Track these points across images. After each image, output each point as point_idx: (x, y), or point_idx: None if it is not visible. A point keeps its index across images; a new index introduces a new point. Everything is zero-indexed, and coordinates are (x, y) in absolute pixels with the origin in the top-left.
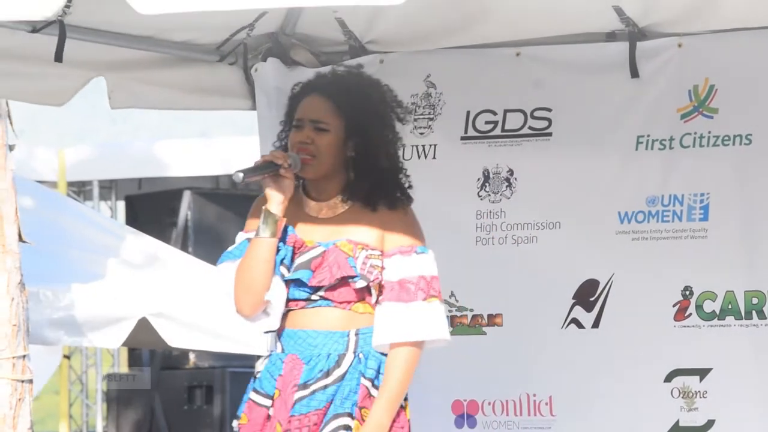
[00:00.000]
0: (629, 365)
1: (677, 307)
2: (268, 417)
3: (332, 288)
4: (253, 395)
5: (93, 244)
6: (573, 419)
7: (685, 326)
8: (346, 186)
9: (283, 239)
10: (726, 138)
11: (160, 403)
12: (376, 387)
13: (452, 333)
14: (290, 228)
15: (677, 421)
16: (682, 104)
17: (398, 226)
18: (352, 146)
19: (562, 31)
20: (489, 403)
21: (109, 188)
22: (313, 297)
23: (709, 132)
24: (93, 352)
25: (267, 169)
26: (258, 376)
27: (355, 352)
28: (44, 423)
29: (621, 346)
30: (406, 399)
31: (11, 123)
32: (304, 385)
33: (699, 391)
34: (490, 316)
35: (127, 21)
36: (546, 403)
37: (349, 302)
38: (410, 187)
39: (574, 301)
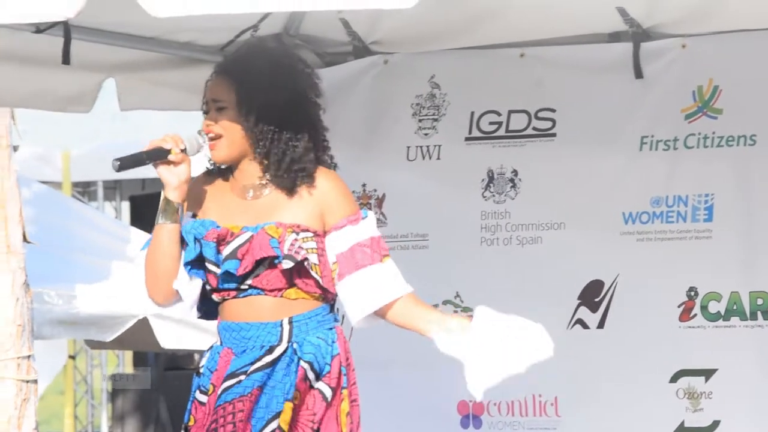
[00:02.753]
0: (634, 366)
1: (682, 307)
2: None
3: (260, 275)
4: (197, 395)
5: (97, 245)
6: (578, 420)
7: (690, 327)
8: (264, 168)
9: (201, 234)
10: (730, 138)
11: (165, 403)
12: (315, 371)
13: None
14: (210, 222)
15: (682, 422)
16: (686, 105)
17: (336, 197)
18: (254, 120)
19: (566, 32)
20: (494, 404)
21: (113, 189)
22: (243, 286)
23: (714, 132)
24: (98, 352)
25: (153, 156)
26: (201, 372)
27: (289, 341)
28: (49, 423)
29: (626, 346)
30: (350, 386)
31: (15, 124)
32: (232, 375)
33: (704, 392)
34: None
35: (132, 22)
36: (551, 404)
37: (279, 289)
38: (328, 151)
39: (579, 301)
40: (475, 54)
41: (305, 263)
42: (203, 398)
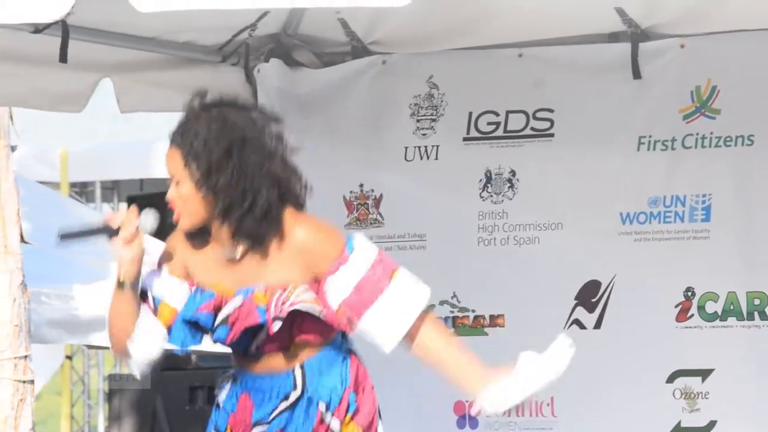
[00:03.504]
0: (631, 366)
1: (679, 308)
2: None
3: (262, 344)
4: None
5: (94, 245)
6: (574, 420)
7: (687, 327)
8: (240, 230)
9: (196, 305)
10: (728, 139)
11: (162, 403)
12: (330, 410)
13: (454, 334)
14: (208, 294)
15: (679, 422)
16: (684, 105)
17: (314, 245)
18: (204, 188)
19: (564, 32)
20: None
21: (111, 189)
22: (251, 352)
23: (711, 133)
24: (95, 352)
25: (100, 233)
26: (219, 406)
27: (303, 387)
28: (46, 423)
29: (623, 347)
30: (356, 414)
31: (13, 123)
32: (256, 424)
33: (701, 392)
34: (492, 316)
35: (130, 22)
36: (548, 404)
37: (285, 347)
38: (304, 187)
39: (576, 301)
40: (474, 54)
41: (297, 314)
42: None
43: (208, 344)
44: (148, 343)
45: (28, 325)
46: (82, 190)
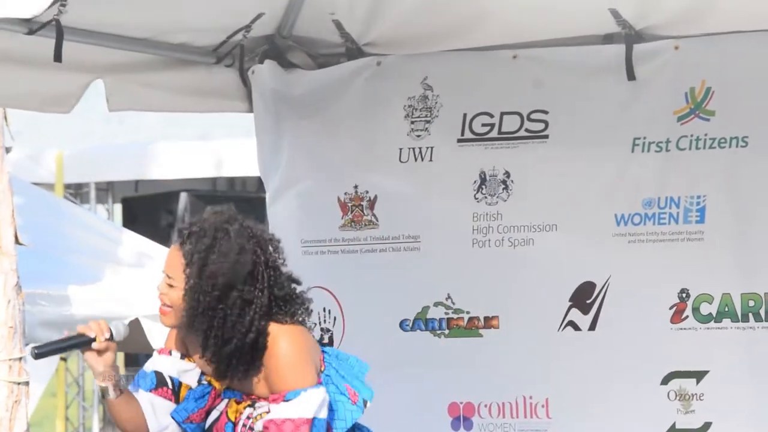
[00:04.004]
0: (626, 367)
1: (674, 309)
2: None
3: None
4: None
5: (89, 247)
6: (569, 421)
7: (681, 329)
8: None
9: (188, 412)
10: (722, 140)
11: None
12: None
13: (449, 335)
14: (203, 391)
15: (674, 424)
16: (678, 106)
17: (275, 368)
18: (192, 309)
19: (558, 34)
20: (485, 405)
21: (106, 190)
22: None
23: (706, 134)
24: None
25: (75, 345)
26: None
27: None
28: (41, 425)
29: (617, 348)
30: None
31: (8, 125)
32: None
33: (695, 394)
34: (486, 318)
35: (124, 22)
36: (542, 406)
37: None
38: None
39: (570, 303)
40: (468, 56)
41: None
42: None
43: None
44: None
45: (23, 327)
46: (77, 192)
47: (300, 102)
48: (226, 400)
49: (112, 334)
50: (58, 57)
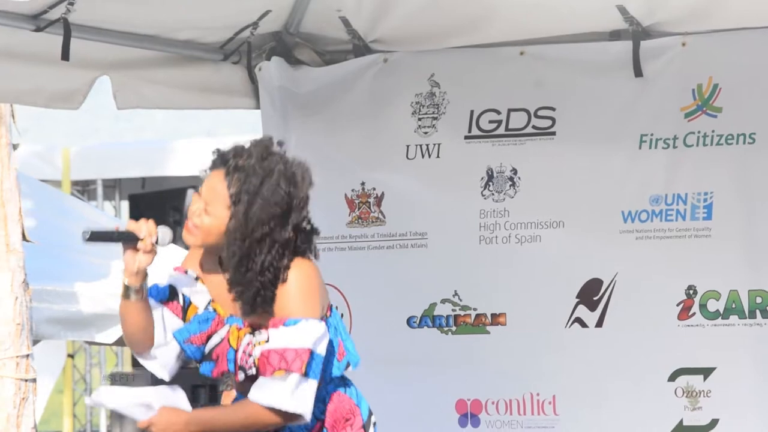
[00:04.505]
0: (633, 364)
1: (681, 306)
2: None
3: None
4: None
5: (96, 246)
6: (576, 418)
7: (689, 325)
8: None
9: (189, 333)
10: (730, 137)
11: None
12: None
13: (456, 332)
14: (208, 316)
15: (681, 420)
16: (685, 103)
17: (286, 294)
18: (234, 228)
19: (565, 31)
20: (493, 403)
21: (113, 187)
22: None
23: (713, 131)
24: (97, 351)
25: (125, 239)
26: None
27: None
28: (48, 422)
29: (625, 345)
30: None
31: (15, 122)
32: None
33: (703, 391)
34: (493, 315)
35: (131, 19)
36: (549, 402)
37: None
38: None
39: (577, 300)
40: (475, 52)
41: (250, 369)
42: None
43: None
44: (169, 355)
45: (30, 324)
46: (84, 189)
47: (307, 99)
48: (228, 327)
49: (157, 239)
50: (65, 55)
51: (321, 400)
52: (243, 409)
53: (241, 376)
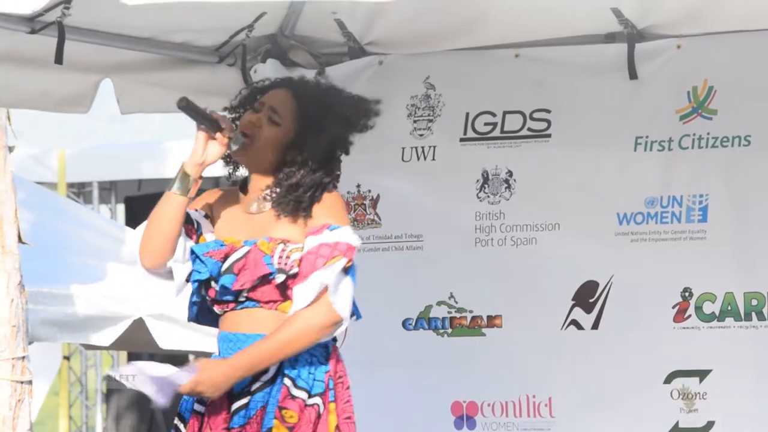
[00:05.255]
0: (629, 366)
1: (677, 308)
2: (201, 425)
3: (256, 288)
4: (196, 405)
5: (92, 246)
6: (572, 420)
7: (684, 327)
8: (274, 186)
9: (207, 248)
10: (725, 139)
11: None
12: (298, 387)
13: (452, 334)
14: (217, 243)
15: (677, 423)
16: (680, 105)
17: (319, 210)
18: (294, 148)
19: (561, 33)
20: (488, 405)
21: (108, 190)
22: (240, 298)
23: (708, 133)
24: (93, 353)
25: (208, 122)
26: None
27: None
28: (44, 424)
29: (620, 347)
30: (342, 403)
31: (10, 125)
32: (240, 394)
33: (699, 393)
34: (489, 317)
35: (126, 22)
36: (545, 405)
37: (275, 302)
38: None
39: (573, 302)
40: (470, 55)
41: (291, 270)
42: (199, 407)
43: (205, 345)
44: (183, 274)
45: (26, 326)
46: (79, 191)
47: None
48: (247, 247)
49: (232, 137)
50: (59, 59)
51: (326, 351)
52: (285, 329)
53: (280, 278)
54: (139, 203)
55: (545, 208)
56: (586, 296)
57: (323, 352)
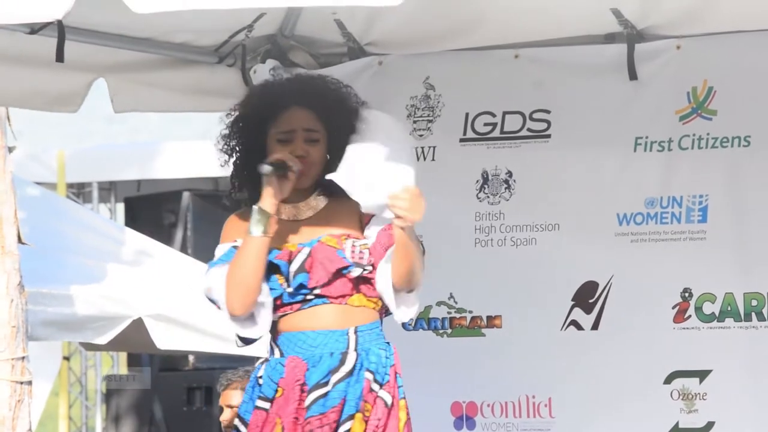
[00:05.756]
0: (629, 367)
1: (677, 308)
2: (266, 419)
3: (328, 283)
4: (258, 402)
5: (91, 246)
6: (572, 421)
7: (684, 328)
8: (320, 183)
9: (274, 255)
10: (725, 140)
11: (160, 404)
12: (377, 382)
13: (451, 335)
14: (278, 251)
15: (677, 423)
16: (680, 106)
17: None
18: (328, 149)
19: (560, 33)
20: (488, 405)
21: (108, 190)
22: (308, 297)
23: (708, 134)
24: (92, 354)
25: (283, 169)
26: (260, 382)
27: (356, 350)
28: (44, 424)
29: (620, 347)
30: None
31: (10, 125)
32: (317, 385)
33: (699, 393)
34: (489, 317)
35: (126, 22)
36: (545, 405)
37: (344, 296)
38: None
39: (573, 302)
40: (470, 55)
41: (368, 264)
42: (262, 404)
43: (205, 345)
44: (269, 308)
45: (26, 326)
46: (79, 191)
47: None
48: (308, 248)
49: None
50: (60, 57)
51: (390, 347)
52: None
53: (356, 271)
54: (138, 203)
55: (545, 208)
56: (586, 297)
57: (389, 347)
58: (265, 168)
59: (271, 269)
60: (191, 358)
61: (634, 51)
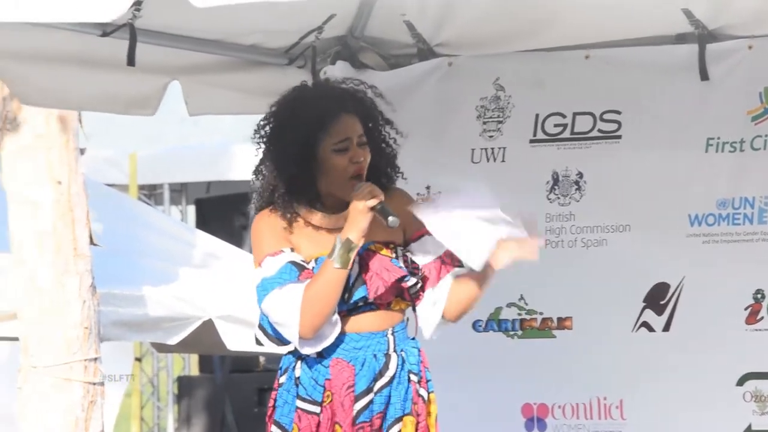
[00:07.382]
0: (700, 369)
1: (749, 310)
2: (319, 423)
3: (384, 293)
4: (299, 403)
5: (162, 248)
6: (644, 422)
7: (756, 330)
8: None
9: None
10: None
11: (231, 405)
12: (420, 384)
13: (522, 336)
14: (322, 260)
15: (749, 425)
16: (752, 106)
17: (408, 207)
18: (377, 149)
19: (631, 34)
20: (559, 407)
21: (179, 192)
22: (360, 304)
23: None
24: (164, 355)
25: (384, 213)
26: (299, 383)
27: (396, 351)
28: (117, 425)
29: (692, 349)
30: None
31: (82, 127)
32: (364, 392)
33: None
34: (560, 319)
35: (197, 24)
36: (617, 407)
37: (389, 302)
38: None
39: (644, 304)
40: (540, 56)
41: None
42: (308, 407)
43: (275, 347)
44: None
45: (98, 328)
46: (150, 193)
47: None
48: (357, 257)
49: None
50: (131, 61)
51: (417, 342)
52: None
53: (412, 281)
54: (208, 205)
55: (616, 209)
56: (658, 298)
57: (417, 343)
58: (393, 221)
59: None
60: (262, 359)
61: (705, 51)
